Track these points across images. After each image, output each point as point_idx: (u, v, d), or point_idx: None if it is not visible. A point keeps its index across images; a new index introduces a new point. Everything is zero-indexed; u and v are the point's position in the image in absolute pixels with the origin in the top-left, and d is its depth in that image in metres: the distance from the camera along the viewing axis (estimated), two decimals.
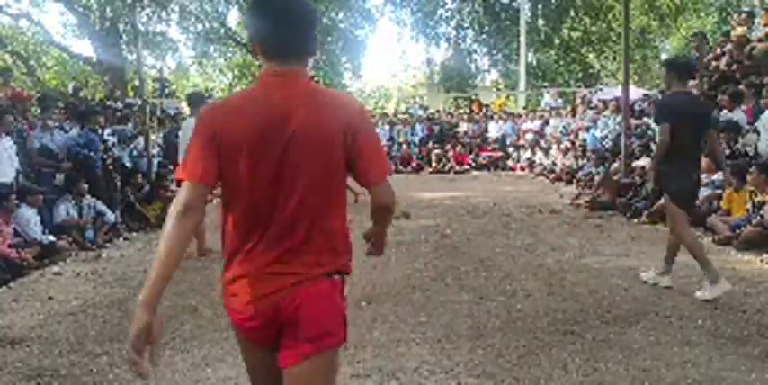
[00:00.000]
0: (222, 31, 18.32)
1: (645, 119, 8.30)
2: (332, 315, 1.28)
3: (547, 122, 12.78)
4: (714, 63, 8.05)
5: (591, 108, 11.36)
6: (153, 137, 7.90)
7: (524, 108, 15.35)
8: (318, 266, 1.27)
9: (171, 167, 7.61)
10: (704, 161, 5.70)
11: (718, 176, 5.49)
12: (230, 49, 19.83)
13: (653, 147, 7.08)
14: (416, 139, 13.93)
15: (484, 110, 15.27)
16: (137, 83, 9.59)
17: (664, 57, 20.16)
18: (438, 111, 15.90)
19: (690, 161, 3.48)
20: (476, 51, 21.23)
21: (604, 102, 10.75)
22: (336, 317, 1.28)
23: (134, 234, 6.14)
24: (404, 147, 13.61)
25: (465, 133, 13.97)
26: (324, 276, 1.27)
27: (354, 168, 1.28)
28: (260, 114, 1.24)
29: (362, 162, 1.27)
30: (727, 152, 5.79)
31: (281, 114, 1.24)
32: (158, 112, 10.42)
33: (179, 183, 1.27)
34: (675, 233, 3.55)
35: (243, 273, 1.27)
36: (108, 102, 9.54)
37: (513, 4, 19.16)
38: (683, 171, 3.45)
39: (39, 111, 6.89)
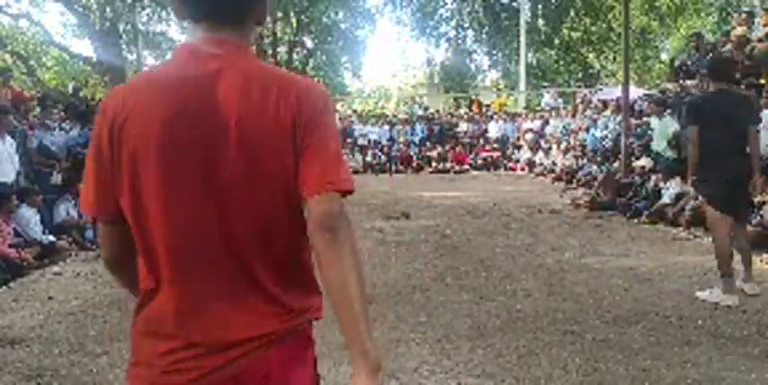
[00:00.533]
0: None
1: (645, 119, 8.30)
2: (307, 380, 0.95)
3: (547, 122, 12.79)
4: None
5: (591, 108, 11.37)
6: None
7: (524, 108, 15.37)
8: (287, 316, 0.90)
9: None
10: None
11: None
12: None
13: (652, 146, 7.10)
14: (416, 139, 13.95)
15: (484, 110, 15.29)
16: None
17: (664, 57, 20.18)
18: (438, 111, 15.91)
19: (723, 162, 3.31)
20: (476, 51, 21.26)
21: (604, 103, 10.75)
22: (311, 381, 0.96)
23: None
24: (404, 147, 13.62)
25: (465, 133, 13.98)
26: (296, 328, 0.92)
27: (301, 171, 0.87)
28: (175, 101, 0.86)
29: (304, 161, 0.86)
30: None
31: (206, 100, 0.86)
32: None
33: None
34: (713, 236, 3.44)
35: (178, 341, 0.88)
36: None
37: (513, 4, 19.17)
38: (716, 172, 3.32)
39: (39, 110, 6.89)
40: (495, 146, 13.53)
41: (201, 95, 0.87)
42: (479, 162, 13.16)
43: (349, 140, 13.14)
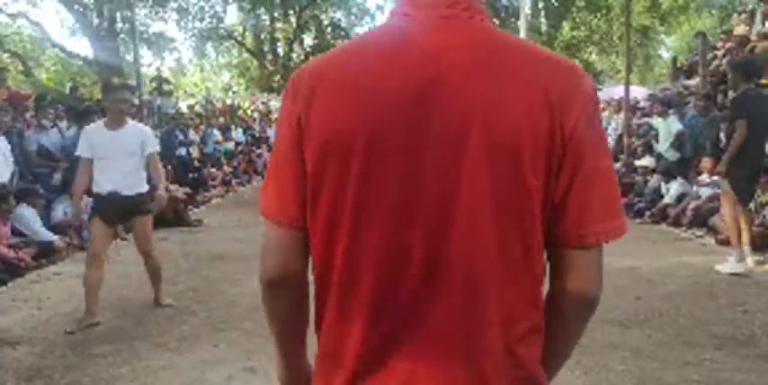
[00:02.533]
0: (221, 30, 18.32)
1: (645, 118, 8.28)
2: None
3: None
4: (715, 62, 8.03)
5: None
6: None
7: None
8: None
9: (169, 167, 7.63)
10: (707, 161, 5.70)
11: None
12: (227, 47, 19.83)
13: (655, 146, 7.08)
14: None
15: None
16: (133, 82, 9.62)
17: (665, 55, 20.18)
18: None
19: (753, 157, 3.70)
20: None
21: (608, 103, 10.75)
22: None
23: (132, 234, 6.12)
24: None
25: None
26: None
27: (559, 207, 0.64)
28: (385, 85, 0.63)
29: (578, 197, 0.64)
30: None
31: (426, 85, 0.62)
32: (156, 111, 10.42)
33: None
34: (726, 214, 3.95)
35: None
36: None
37: (515, 2, 19.15)
38: (745, 165, 3.70)
39: (35, 110, 6.87)
40: None
41: (423, 77, 0.61)
42: None
43: None
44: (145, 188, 3.26)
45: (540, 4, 19.37)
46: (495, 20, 20.57)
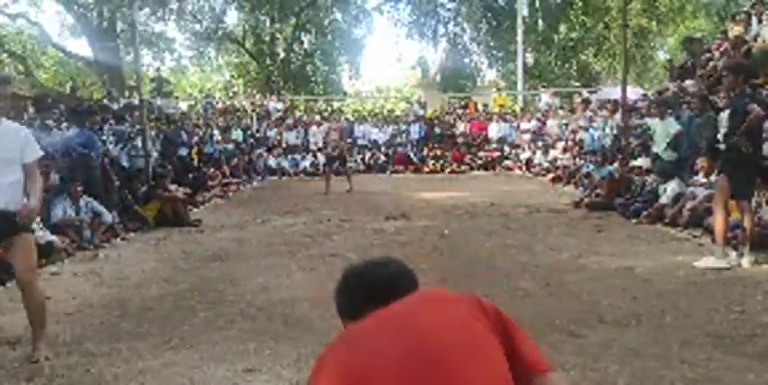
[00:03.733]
0: (220, 30, 18.34)
1: (645, 119, 8.31)
2: None
3: (544, 123, 12.82)
4: (711, 63, 8.07)
5: (589, 109, 11.40)
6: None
7: (522, 109, 15.39)
8: None
9: (169, 167, 7.65)
10: (703, 161, 5.73)
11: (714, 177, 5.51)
12: (227, 47, 19.85)
13: (653, 147, 7.11)
14: (415, 139, 13.96)
15: (483, 108, 15.33)
16: (133, 83, 9.61)
17: (662, 57, 20.23)
18: (436, 110, 15.95)
19: (752, 155, 3.94)
20: (474, 51, 21.29)
21: (603, 103, 10.79)
22: None
23: (132, 234, 6.13)
24: (402, 147, 13.64)
25: (463, 133, 14.00)
26: None
27: (515, 355, 1.09)
28: (388, 333, 1.05)
29: (518, 347, 1.10)
30: None
31: (409, 325, 1.06)
32: (155, 112, 10.44)
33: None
34: (715, 210, 4.08)
35: None
36: (105, 102, 9.54)
37: (512, 4, 19.19)
38: (742, 163, 3.91)
39: (33, 111, 6.87)
40: (494, 146, 13.57)
41: (405, 322, 1.08)
42: (479, 162, 13.18)
43: (349, 140, 13.17)
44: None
45: (537, 6, 19.40)
46: (492, 22, 20.65)
